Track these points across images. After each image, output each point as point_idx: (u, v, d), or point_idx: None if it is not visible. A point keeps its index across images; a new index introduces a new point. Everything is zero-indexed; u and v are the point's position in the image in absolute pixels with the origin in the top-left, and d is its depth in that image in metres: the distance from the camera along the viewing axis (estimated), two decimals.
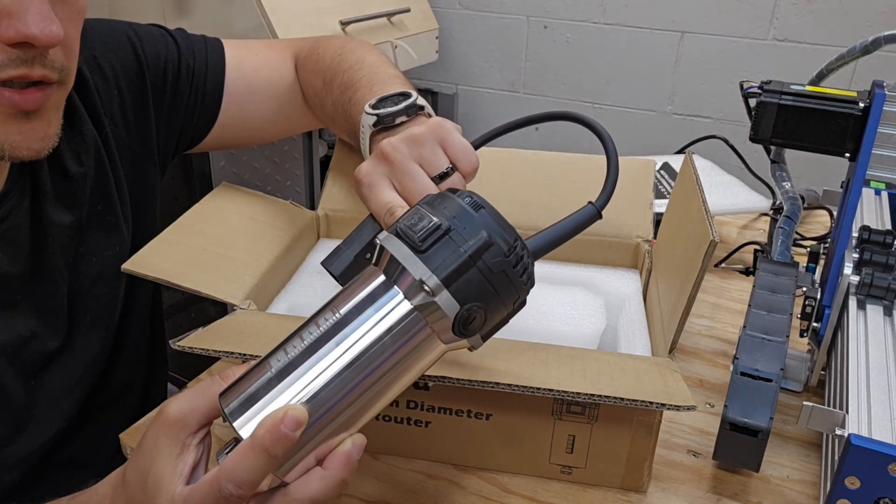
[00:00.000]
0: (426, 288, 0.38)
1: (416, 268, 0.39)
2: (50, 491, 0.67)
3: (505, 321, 0.43)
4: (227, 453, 0.38)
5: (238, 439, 0.38)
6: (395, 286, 0.39)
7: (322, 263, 0.58)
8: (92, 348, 0.67)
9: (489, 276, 0.39)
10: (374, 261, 0.41)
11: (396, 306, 0.39)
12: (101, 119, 0.67)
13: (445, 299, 0.39)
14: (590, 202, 0.50)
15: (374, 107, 0.61)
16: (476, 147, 0.59)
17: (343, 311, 0.40)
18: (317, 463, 0.40)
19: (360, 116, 0.63)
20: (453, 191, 0.43)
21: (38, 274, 0.62)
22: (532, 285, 0.43)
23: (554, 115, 0.60)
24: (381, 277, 0.40)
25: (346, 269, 0.57)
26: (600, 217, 0.51)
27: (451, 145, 0.57)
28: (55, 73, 0.52)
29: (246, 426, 0.38)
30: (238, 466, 0.37)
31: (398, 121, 0.60)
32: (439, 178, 0.55)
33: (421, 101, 0.62)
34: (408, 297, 0.39)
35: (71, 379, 0.66)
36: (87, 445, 0.71)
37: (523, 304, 0.43)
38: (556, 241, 0.48)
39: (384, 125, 0.61)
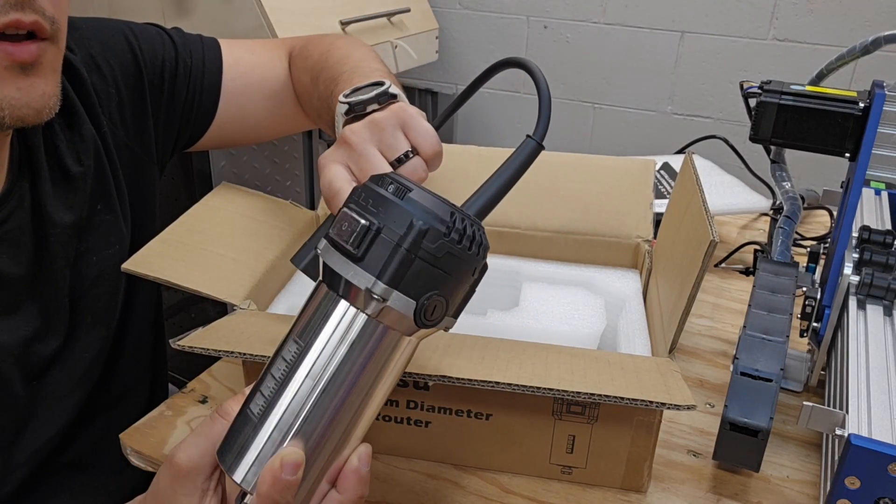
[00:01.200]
0: (375, 296, 0.37)
1: (359, 278, 0.37)
2: (57, 492, 0.68)
3: (471, 293, 0.41)
4: (244, 502, 0.39)
5: (244, 492, 0.38)
6: (346, 301, 0.38)
7: (291, 260, 0.58)
8: (93, 347, 0.67)
9: (435, 262, 0.37)
10: (321, 274, 0.40)
11: (353, 321, 0.38)
12: (99, 119, 0.67)
13: (397, 299, 0.37)
14: (528, 136, 0.47)
15: (347, 96, 0.61)
16: (437, 127, 0.57)
17: (304, 339, 0.39)
18: (329, 484, 0.40)
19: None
20: (377, 179, 0.39)
21: (40, 274, 0.62)
22: (486, 250, 0.41)
23: (494, 68, 0.59)
24: (332, 295, 0.39)
25: (309, 263, 0.57)
26: (543, 148, 0.47)
27: (413, 129, 0.56)
28: (47, 21, 0.52)
29: (246, 477, 0.38)
30: None
31: (369, 109, 0.59)
32: (397, 163, 0.54)
33: (394, 89, 0.61)
34: (361, 308, 0.38)
35: (72, 378, 0.66)
36: (92, 446, 0.71)
37: (485, 268, 0.41)
38: (503, 189, 0.46)
39: (355, 113, 0.60)
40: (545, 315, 0.67)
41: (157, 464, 0.59)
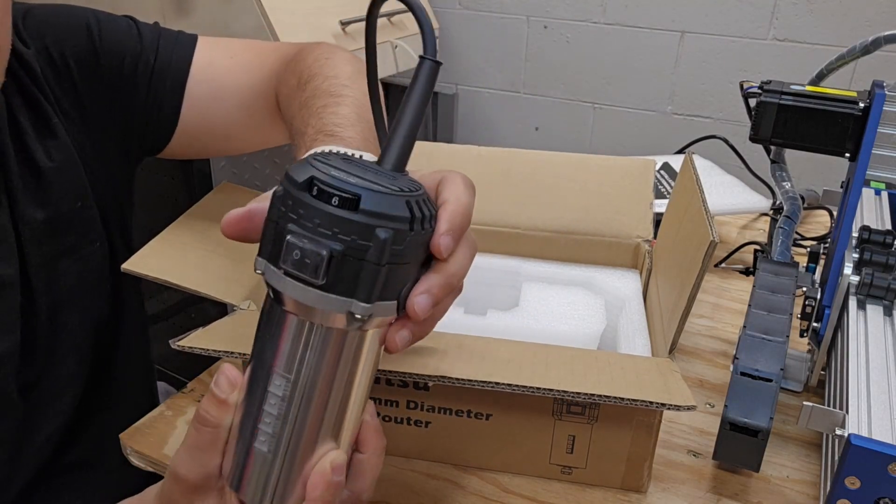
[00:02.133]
0: (357, 316, 0.35)
1: (335, 304, 0.35)
2: (61, 491, 0.67)
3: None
4: None
5: None
6: (327, 326, 0.36)
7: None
8: (82, 346, 0.67)
9: (404, 258, 0.36)
10: (275, 299, 0.37)
11: (343, 342, 0.37)
12: (58, 115, 0.64)
13: (380, 308, 0.36)
14: (420, 56, 0.42)
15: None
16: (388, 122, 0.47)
17: (290, 370, 0.37)
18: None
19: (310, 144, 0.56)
20: (307, 185, 0.35)
21: (23, 275, 0.61)
22: (435, 209, 0.38)
23: (374, 5, 0.49)
24: (306, 323, 0.36)
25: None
26: (441, 63, 0.42)
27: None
28: None
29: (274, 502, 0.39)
30: None
31: None
32: None
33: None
34: (345, 327, 0.36)
35: (63, 379, 0.65)
36: (92, 445, 0.70)
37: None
38: (416, 124, 0.40)
39: None
40: (545, 315, 0.67)
41: (157, 463, 0.59)
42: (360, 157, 0.39)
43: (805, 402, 0.51)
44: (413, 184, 0.37)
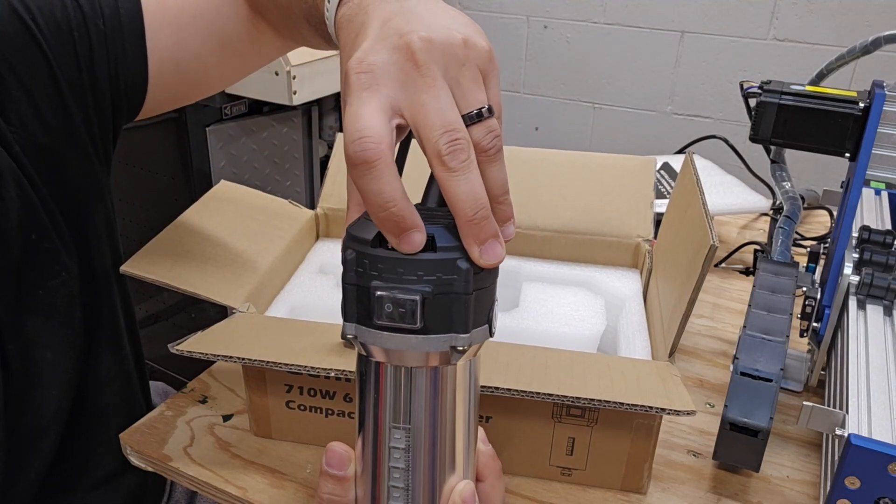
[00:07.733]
0: (459, 349, 0.36)
1: (440, 342, 0.36)
2: None
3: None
4: None
5: None
6: (431, 366, 0.37)
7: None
8: (60, 382, 0.63)
9: (485, 282, 0.37)
10: (367, 354, 0.38)
11: (449, 374, 0.38)
12: (6, 137, 0.55)
13: (480, 333, 0.37)
14: None
15: None
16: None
17: (410, 420, 0.38)
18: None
19: None
20: (380, 238, 0.36)
21: None
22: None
23: None
24: (411, 369, 0.37)
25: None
26: None
27: (491, 82, 0.40)
28: None
29: None
30: None
31: None
32: (469, 120, 0.37)
33: None
34: (447, 363, 0.37)
35: (43, 417, 0.62)
36: (80, 467, 0.68)
37: None
38: None
39: None
40: (545, 316, 0.67)
41: (157, 463, 0.59)
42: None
43: (805, 402, 0.51)
44: None
